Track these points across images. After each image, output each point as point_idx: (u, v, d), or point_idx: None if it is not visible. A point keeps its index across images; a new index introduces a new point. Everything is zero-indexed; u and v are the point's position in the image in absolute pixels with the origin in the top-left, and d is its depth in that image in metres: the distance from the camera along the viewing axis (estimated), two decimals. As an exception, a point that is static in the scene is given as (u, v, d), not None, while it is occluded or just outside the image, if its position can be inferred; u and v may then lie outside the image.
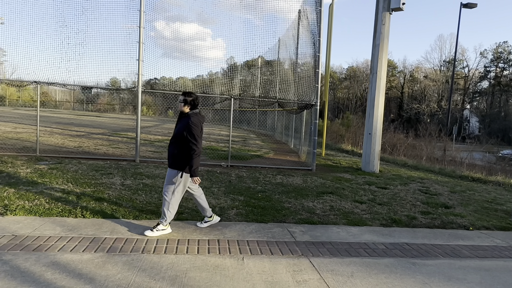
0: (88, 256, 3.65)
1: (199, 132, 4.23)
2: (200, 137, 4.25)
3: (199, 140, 4.21)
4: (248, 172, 8.91)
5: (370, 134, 10.34)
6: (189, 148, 4.19)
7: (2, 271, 3.21)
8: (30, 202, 5.21)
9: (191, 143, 4.18)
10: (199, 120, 4.31)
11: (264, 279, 3.45)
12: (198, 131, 4.20)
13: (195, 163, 4.22)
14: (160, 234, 4.36)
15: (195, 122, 4.22)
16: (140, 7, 8.96)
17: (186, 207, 5.60)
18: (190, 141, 4.18)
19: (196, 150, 4.19)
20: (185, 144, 4.22)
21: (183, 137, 4.22)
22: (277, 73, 10.12)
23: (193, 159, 4.20)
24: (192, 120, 4.22)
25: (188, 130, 4.19)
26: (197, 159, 4.22)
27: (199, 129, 4.25)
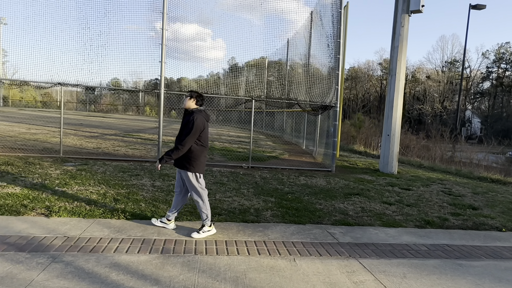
0: (145, 258, 3.70)
1: (197, 131, 4.22)
2: (196, 134, 4.21)
3: (191, 137, 4.18)
4: (270, 174, 8.96)
5: (388, 135, 10.40)
6: (179, 141, 4.22)
7: (68, 272, 3.26)
8: (70, 203, 5.26)
9: (183, 135, 4.20)
10: (203, 117, 4.32)
11: (322, 280, 3.50)
12: (197, 128, 4.19)
13: (174, 155, 4.20)
14: (206, 236, 4.41)
15: (198, 119, 4.22)
16: (163, 10, 9.02)
17: (222, 208, 5.66)
18: (184, 133, 4.19)
19: (182, 144, 4.18)
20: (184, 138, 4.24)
21: (183, 133, 4.26)
22: (297, 75, 10.17)
23: (175, 150, 4.20)
24: (195, 117, 4.22)
25: (187, 124, 4.21)
26: (177, 152, 4.19)
27: (200, 127, 4.24)
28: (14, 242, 3.82)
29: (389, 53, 10.43)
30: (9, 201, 5.12)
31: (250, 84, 9.65)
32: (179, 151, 4.20)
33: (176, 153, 4.21)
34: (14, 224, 4.34)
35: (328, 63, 10.96)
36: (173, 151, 4.21)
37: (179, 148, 4.19)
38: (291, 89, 9.83)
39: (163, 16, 9.03)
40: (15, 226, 4.29)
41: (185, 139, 4.17)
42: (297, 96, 9.86)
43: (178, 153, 4.21)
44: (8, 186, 5.85)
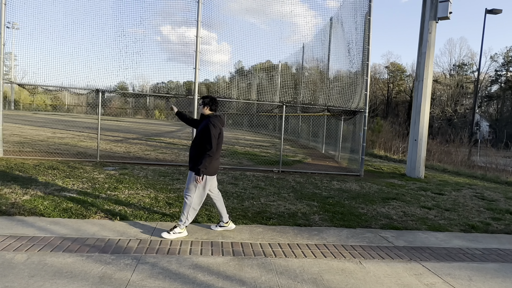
0: (221, 260, 3.87)
1: (216, 134, 4.25)
2: (216, 139, 4.24)
3: (214, 141, 4.21)
4: (302, 178, 9.12)
5: (415, 140, 10.52)
6: (205, 149, 4.23)
7: (158, 273, 3.44)
8: (128, 207, 5.45)
9: (206, 143, 4.22)
10: (219, 122, 4.35)
11: (395, 282, 3.65)
12: (215, 132, 4.23)
13: (205, 163, 4.22)
14: (176, 237, 4.36)
15: (214, 123, 4.26)
16: (197, 18, 9.24)
17: (271, 212, 5.82)
18: (206, 141, 4.22)
19: (209, 150, 4.20)
20: (203, 146, 4.26)
21: (202, 139, 4.28)
22: (326, 81, 10.34)
23: (205, 158, 4.21)
24: (211, 121, 4.26)
25: (205, 130, 4.23)
26: (208, 159, 4.22)
27: (217, 130, 4.27)
28: (94, 244, 4.01)
29: (416, 59, 10.57)
30: (72, 204, 5.32)
31: (281, 90, 9.83)
32: (210, 158, 4.23)
33: (208, 160, 4.23)
34: (85, 227, 4.53)
35: (350, 68, 11.14)
36: (205, 160, 4.21)
37: (209, 155, 4.21)
38: (320, 94, 9.98)
39: (198, 24, 9.25)
40: (87, 229, 4.49)
41: (212, 143, 4.20)
42: (327, 102, 10.02)
43: (210, 160, 4.24)
44: (64, 190, 6.06)
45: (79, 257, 3.66)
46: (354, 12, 11.47)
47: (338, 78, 10.21)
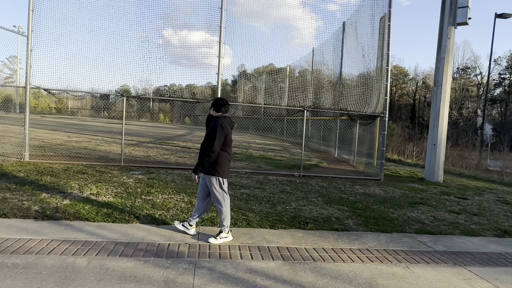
0: (273, 264, 3.94)
1: (222, 135, 4.23)
2: (220, 140, 4.22)
3: (217, 142, 4.18)
4: (325, 182, 9.19)
5: (434, 145, 10.58)
6: (207, 147, 4.22)
7: (219, 277, 3.51)
8: (166, 212, 5.53)
9: (209, 141, 4.21)
10: (227, 123, 4.35)
11: (447, 286, 3.71)
12: (221, 133, 4.21)
13: (205, 163, 4.22)
14: (222, 242, 4.44)
15: (222, 123, 4.26)
16: (220, 23, 9.36)
17: (305, 216, 5.89)
18: (210, 139, 4.21)
19: (210, 149, 4.18)
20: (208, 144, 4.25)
21: (208, 138, 4.29)
22: (346, 86, 10.43)
23: (204, 157, 4.21)
24: (219, 121, 4.26)
25: (212, 130, 4.24)
26: (208, 159, 4.20)
27: (224, 131, 4.25)
28: (146, 249, 4.09)
29: (434, 64, 10.66)
30: (112, 209, 5.40)
31: (302, 94, 9.92)
32: (210, 158, 4.22)
33: (207, 160, 4.22)
34: (132, 232, 4.61)
35: (368, 73, 11.23)
36: (204, 159, 4.22)
37: (210, 154, 4.20)
38: (341, 99, 10.07)
39: (221, 30, 9.36)
40: (134, 233, 4.57)
41: (213, 144, 4.17)
42: (347, 106, 10.11)
43: (209, 159, 4.23)
44: (100, 195, 6.14)
45: (136, 261, 3.73)
46: (371, 17, 11.59)
47: (358, 83, 10.29)
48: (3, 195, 5.66)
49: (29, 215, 4.89)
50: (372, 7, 11.06)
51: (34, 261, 3.55)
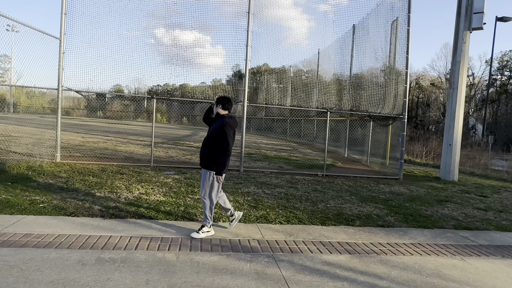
0: (343, 257, 4.23)
1: (232, 133, 4.37)
2: (232, 138, 4.37)
3: (230, 140, 4.33)
4: (349, 181, 9.51)
5: (450, 145, 10.99)
6: (221, 147, 4.32)
7: (302, 269, 3.78)
8: (219, 209, 5.78)
9: (223, 141, 4.31)
10: (233, 122, 4.47)
11: (506, 276, 4.04)
12: (231, 131, 4.35)
13: (226, 162, 4.35)
14: (205, 236, 4.52)
15: (230, 123, 4.38)
16: (248, 27, 9.62)
17: (347, 213, 6.19)
18: (222, 140, 4.31)
19: (227, 149, 4.30)
20: (219, 144, 4.35)
21: (217, 137, 4.36)
22: (367, 88, 10.77)
23: (224, 158, 4.32)
24: (227, 121, 4.37)
25: (221, 130, 4.33)
26: (227, 158, 4.34)
27: (232, 130, 4.39)
28: (221, 244, 4.34)
29: (450, 68, 11.05)
30: (168, 208, 5.63)
31: (324, 96, 10.23)
32: (228, 157, 4.34)
33: (227, 159, 4.34)
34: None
35: (379, 74, 11.61)
36: (224, 159, 4.33)
37: (227, 154, 4.33)
38: (361, 101, 10.41)
39: (248, 34, 9.62)
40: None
41: (228, 143, 4.30)
42: (367, 108, 10.46)
43: (228, 158, 4.35)
44: (149, 194, 6.36)
45: (219, 255, 3.99)
46: (384, 21, 11.98)
47: (377, 85, 10.64)
48: (60, 195, 5.85)
49: (95, 214, 5.10)
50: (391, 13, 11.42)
51: (128, 256, 3.78)
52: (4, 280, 3.08)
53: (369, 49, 12.41)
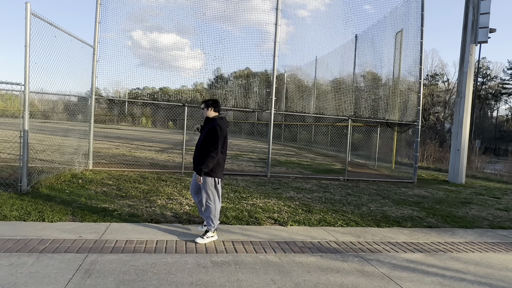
0: (419, 256, 4.67)
1: (223, 136, 4.32)
2: (222, 141, 4.31)
3: (220, 143, 4.28)
4: (371, 185, 10.04)
5: (458, 150, 11.75)
6: (209, 150, 4.28)
7: (394, 266, 4.18)
8: (278, 213, 6.11)
9: (212, 143, 4.28)
10: (224, 125, 4.43)
11: (562, 268, 4.60)
12: (222, 134, 4.30)
13: (209, 164, 4.28)
14: (209, 241, 4.51)
15: (221, 125, 4.34)
16: (275, 38, 10.01)
17: (391, 216, 6.66)
18: (212, 142, 4.28)
19: (214, 151, 4.26)
20: (209, 146, 4.30)
21: (209, 140, 4.31)
22: (383, 96, 11.38)
23: (208, 159, 4.26)
24: (218, 123, 4.34)
25: (212, 132, 4.29)
26: (211, 160, 4.28)
27: (223, 133, 4.33)
28: (306, 246, 4.69)
29: (457, 77, 11.85)
30: (234, 213, 5.92)
31: (344, 104, 10.74)
32: (214, 159, 4.29)
33: (211, 161, 4.28)
34: (275, 232, 5.18)
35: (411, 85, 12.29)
36: (208, 160, 4.27)
37: (214, 156, 4.28)
38: (379, 108, 11.00)
39: (275, 45, 10.02)
40: (278, 233, 5.14)
41: (217, 146, 4.27)
42: (384, 115, 11.06)
43: (213, 161, 4.29)
44: (206, 200, 6.61)
45: (314, 256, 4.33)
46: (393, 33, 12.69)
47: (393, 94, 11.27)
48: (125, 202, 6.03)
49: (171, 220, 5.33)
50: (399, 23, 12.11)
51: (235, 258, 4.06)
52: (150, 282, 3.31)
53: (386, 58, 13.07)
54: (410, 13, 11.04)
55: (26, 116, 6.09)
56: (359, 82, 11.65)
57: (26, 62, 6.00)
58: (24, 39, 5.97)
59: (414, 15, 11.05)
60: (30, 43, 6.01)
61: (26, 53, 5.99)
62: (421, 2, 10.95)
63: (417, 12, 11.04)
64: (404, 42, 11.55)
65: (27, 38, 5.98)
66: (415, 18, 11.05)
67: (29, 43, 6.00)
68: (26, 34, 5.97)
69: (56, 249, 3.93)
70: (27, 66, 6.01)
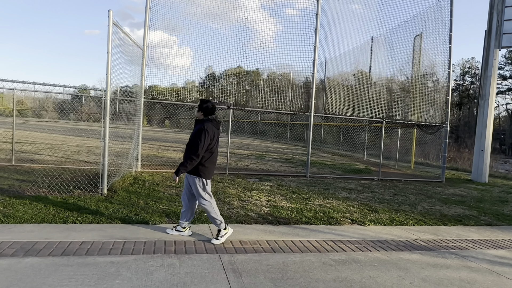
0: (506, 252, 5.04)
1: (207, 140, 4.27)
2: (204, 146, 4.24)
3: (200, 147, 4.22)
4: (408, 185, 10.45)
5: (482, 150, 12.28)
6: (191, 151, 4.26)
7: (487, 261, 4.54)
8: (348, 213, 6.43)
9: (194, 146, 4.25)
10: (213, 126, 4.39)
11: None
12: (206, 138, 4.24)
13: (188, 165, 4.25)
14: (225, 239, 4.51)
15: (207, 128, 4.29)
16: (315, 43, 10.30)
17: (449, 215, 7.05)
18: (195, 144, 4.25)
19: (194, 153, 4.23)
20: (194, 148, 4.28)
21: (194, 142, 4.29)
22: (413, 98, 11.80)
23: (189, 159, 4.24)
24: (205, 126, 4.28)
25: (197, 135, 4.26)
26: (192, 162, 4.25)
27: (209, 136, 4.28)
28: (397, 244, 5.01)
29: (481, 81, 12.37)
30: (309, 213, 6.21)
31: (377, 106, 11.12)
32: (193, 161, 4.25)
33: (190, 163, 4.25)
34: (359, 231, 5.49)
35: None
36: (187, 162, 4.25)
37: (193, 158, 4.23)
38: (409, 110, 11.42)
39: (315, 49, 10.31)
40: (363, 232, 5.45)
41: (198, 149, 4.21)
42: (415, 117, 11.49)
43: (192, 163, 4.25)
44: (275, 201, 6.88)
45: (415, 254, 4.65)
46: (412, 36, 13.15)
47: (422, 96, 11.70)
48: (206, 204, 6.24)
49: (261, 221, 5.58)
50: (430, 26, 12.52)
51: (349, 256, 4.35)
52: (297, 280, 3.57)
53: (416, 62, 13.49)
54: (440, 18, 11.47)
55: (107, 122, 6.23)
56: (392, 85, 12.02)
57: (108, 68, 6.15)
58: (106, 46, 6.11)
59: (443, 20, 11.48)
60: (111, 49, 6.15)
61: (108, 59, 6.13)
62: (450, 9, 11.39)
63: (446, 18, 11.48)
64: (432, 47, 11.98)
65: (109, 45, 6.12)
66: (444, 23, 11.49)
67: (110, 50, 6.14)
68: (108, 41, 6.12)
69: (186, 250, 4.14)
70: (108, 71, 6.16)
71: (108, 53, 6.12)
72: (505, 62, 68.21)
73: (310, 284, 3.51)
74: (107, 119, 6.22)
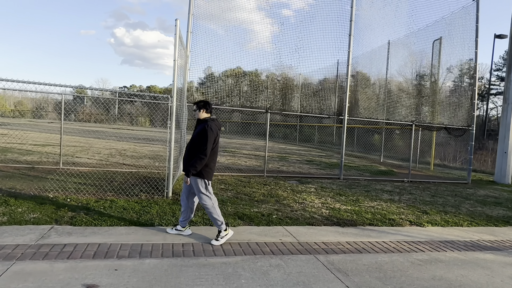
0: None
1: (213, 138, 4.29)
2: (212, 143, 4.28)
3: (209, 145, 4.24)
4: (439, 187, 10.73)
5: (505, 152, 12.60)
6: (199, 150, 4.25)
7: (561, 262, 4.80)
8: (402, 215, 6.68)
9: (201, 144, 4.25)
10: (215, 126, 4.42)
11: None
12: (212, 136, 4.27)
13: (197, 165, 4.23)
14: (225, 240, 4.46)
15: (211, 126, 4.31)
16: (349, 48, 10.56)
17: (492, 216, 7.32)
18: (201, 143, 4.25)
19: (203, 152, 4.23)
20: (199, 148, 4.27)
21: (199, 141, 4.29)
22: (440, 102, 12.10)
23: (197, 160, 4.23)
24: (209, 125, 4.31)
25: (202, 133, 4.27)
26: (200, 162, 4.23)
27: (214, 134, 4.31)
28: (454, 244, 5.27)
29: (504, 85, 12.70)
30: (368, 215, 6.45)
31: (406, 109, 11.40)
32: (202, 160, 4.23)
33: (200, 163, 4.23)
34: (424, 232, 5.74)
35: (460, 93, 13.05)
36: (196, 162, 4.23)
37: (203, 157, 4.22)
38: (436, 114, 11.73)
39: (349, 54, 10.57)
40: (428, 233, 5.70)
41: (206, 147, 4.22)
42: (442, 121, 11.79)
43: (201, 162, 4.23)
44: (328, 203, 7.11)
45: (488, 253, 4.90)
46: (431, 42, 13.48)
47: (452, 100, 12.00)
48: (264, 205, 6.47)
49: (328, 223, 5.81)
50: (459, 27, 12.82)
51: (429, 256, 4.60)
52: (399, 279, 3.80)
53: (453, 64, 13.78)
54: (467, 25, 11.78)
55: (173, 127, 6.42)
56: (420, 89, 12.32)
57: (174, 75, 6.35)
58: (173, 54, 6.31)
59: (470, 27, 11.78)
60: (177, 57, 6.36)
61: (175, 66, 6.34)
62: (476, 15, 11.70)
63: (472, 23, 11.78)
64: (458, 51, 12.29)
65: (176, 53, 6.33)
66: (471, 28, 11.79)
67: (177, 57, 6.34)
68: (175, 49, 6.32)
69: (279, 251, 4.36)
70: (175, 78, 6.37)
71: (175, 61, 6.32)
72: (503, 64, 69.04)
73: (414, 282, 3.74)
74: (173, 125, 6.41)
